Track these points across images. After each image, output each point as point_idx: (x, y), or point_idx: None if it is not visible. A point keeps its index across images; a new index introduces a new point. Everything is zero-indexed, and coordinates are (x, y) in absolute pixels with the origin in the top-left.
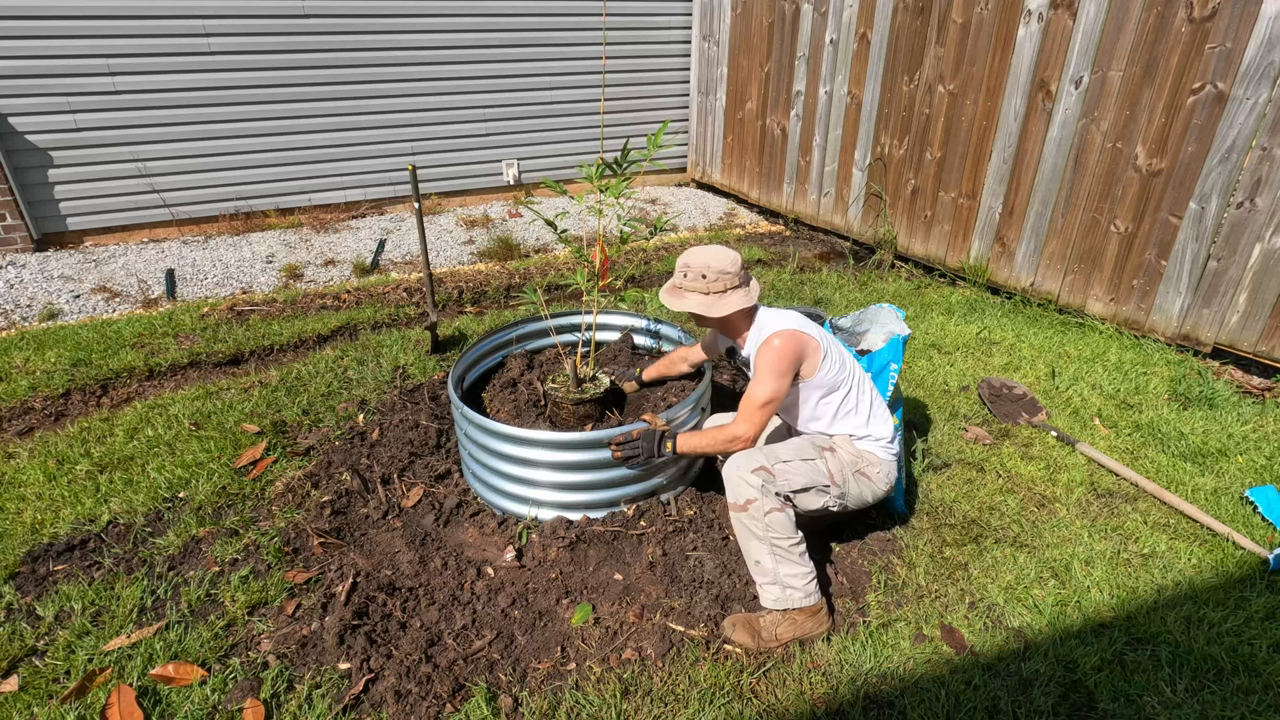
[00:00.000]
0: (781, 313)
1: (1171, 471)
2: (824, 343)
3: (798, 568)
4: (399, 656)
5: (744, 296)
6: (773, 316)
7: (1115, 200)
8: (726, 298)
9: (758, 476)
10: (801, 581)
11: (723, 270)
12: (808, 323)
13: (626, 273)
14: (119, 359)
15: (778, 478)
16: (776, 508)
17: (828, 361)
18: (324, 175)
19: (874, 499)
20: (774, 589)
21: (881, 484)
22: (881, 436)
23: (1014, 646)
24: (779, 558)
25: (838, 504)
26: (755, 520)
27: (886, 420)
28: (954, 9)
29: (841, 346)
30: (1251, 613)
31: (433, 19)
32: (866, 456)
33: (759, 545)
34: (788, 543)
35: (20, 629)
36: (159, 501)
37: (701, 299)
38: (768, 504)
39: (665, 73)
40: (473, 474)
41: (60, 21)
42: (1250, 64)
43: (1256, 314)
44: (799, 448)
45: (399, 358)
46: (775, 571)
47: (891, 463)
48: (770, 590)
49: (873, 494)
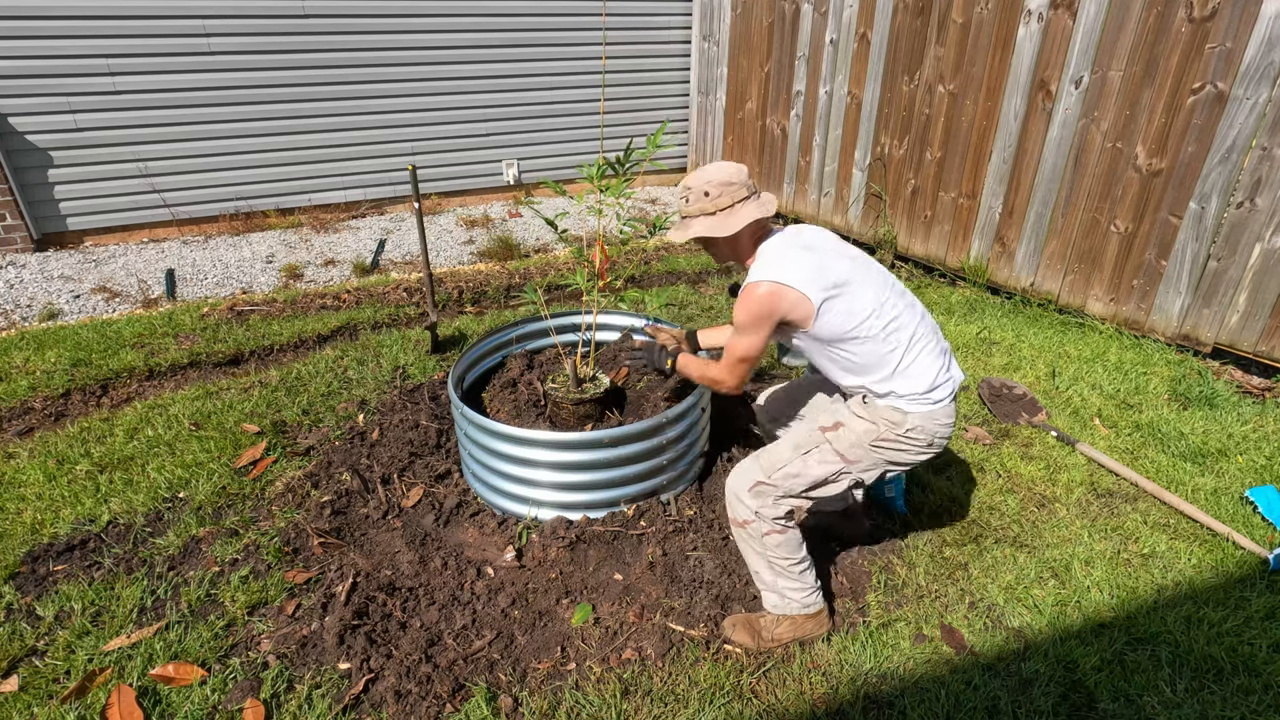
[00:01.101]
0: (787, 251)
1: (1171, 471)
2: (824, 292)
3: (796, 583)
4: (399, 656)
5: (757, 208)
6: (776, 253)
7: (1115, 200)
8: (736, 212)
9: (754, 497)
10: (800, 595)
11: (725, 182)
12: (811, 265)
13: (626, 273)
14: (119, 359)
15: (780, 486)
16: (775, 530)
17: (831, 313)
18: (324, 175)
19: (924, 454)
20: (772, 596)
21: (919, 439)
22: (907, 392)
23: (1014, 646)
24: (777, 573)
25: (869, 476)
26: (753, 539)
27: (923, 371)
28: (954, 9)
29: (880, 285)
30: (1251, 613)
31: (433, 19)
32: (886, 419)
33: (757, 559)
34: (786, 562)
35: (20, 629)
36: (159, 501)
37: (708, 220)
38: (764, 526)
39: (665, 73)
40: (473, 474)
41: (60, 21)
42: (1250, 64)
43: (1256, 314)
44: (797, 440)
45: (399, 358)
46: (774, 583)
47: (928, 412)
48: (769, 597)
49: (915, 453)
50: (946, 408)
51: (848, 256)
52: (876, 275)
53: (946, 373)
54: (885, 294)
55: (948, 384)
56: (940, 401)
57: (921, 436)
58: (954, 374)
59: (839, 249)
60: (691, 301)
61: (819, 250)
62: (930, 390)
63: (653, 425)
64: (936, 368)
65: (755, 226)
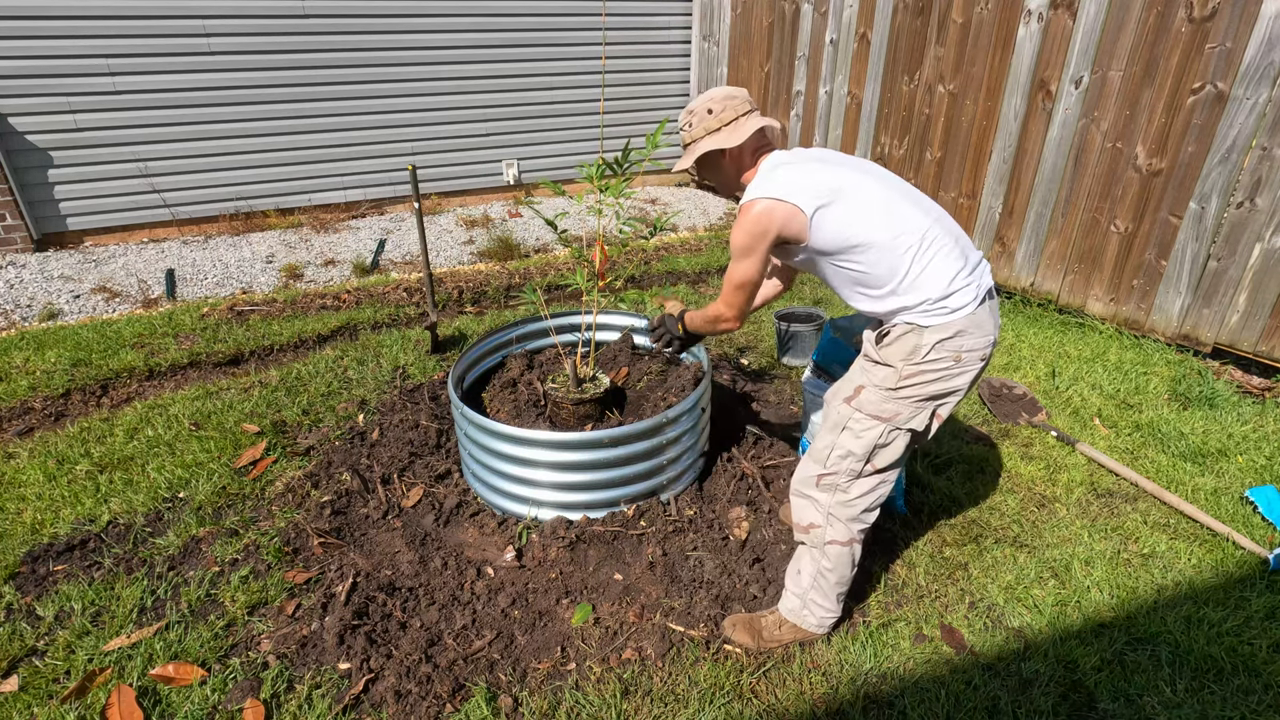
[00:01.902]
0: (783, 162)
1: (1171, 471)
2: (817, 199)
3: (826, 603)
4: (399, 656)
5: (760, 119)
6: (772, 165)
7: (1115, 200)
8: (740, 124)
9: (824, 491)
10: (820, 615)
11: (728, 96)
12: (803, 173)
13: (626, 273)
14: (119, 359)
15: (841, 469)
16: (839, 540)
17: (828, 221)
18: (324, 175)
19: (959, 375)
20: (795, 602)
21: (942, 360)
22: (918, 303)
23: (1014, 646)
24: (817, 585)
25: (918, 423)
26: (815, 546)
27: (937, 275)
28: (954, 9)
29: (886, 187)
30: (1251, 613)
31: (433, 19)
32: (902, 353)
33: (810, 564)
34: (833, 578)
35: (20, 629)
36: (159, 501)
37: (713, 137)
38: (830, 533)
39: (665, 73)
40: (473, 474)
41: (60, 21)
42: (1250, 64)
43: (1256, 314)
44: (832, 422)
45: (399, 358)
46: (806, 592)
47: (945, 324)
48: (791, 600)
49: (949, 379)
50: (970, 315)
51: (850, 165)
52: (881, 178)
53: (967, 276)
54: (890, 195)
55: (969, 289)
56: (959, 310)
57: (944, 356)
58: (979, 278)
59: (842, 158)
60: (691, 302)
61: (819, 159)
62: (945, 297)
63: (653, 425)
64: (953, 271)
65: (758, 138)
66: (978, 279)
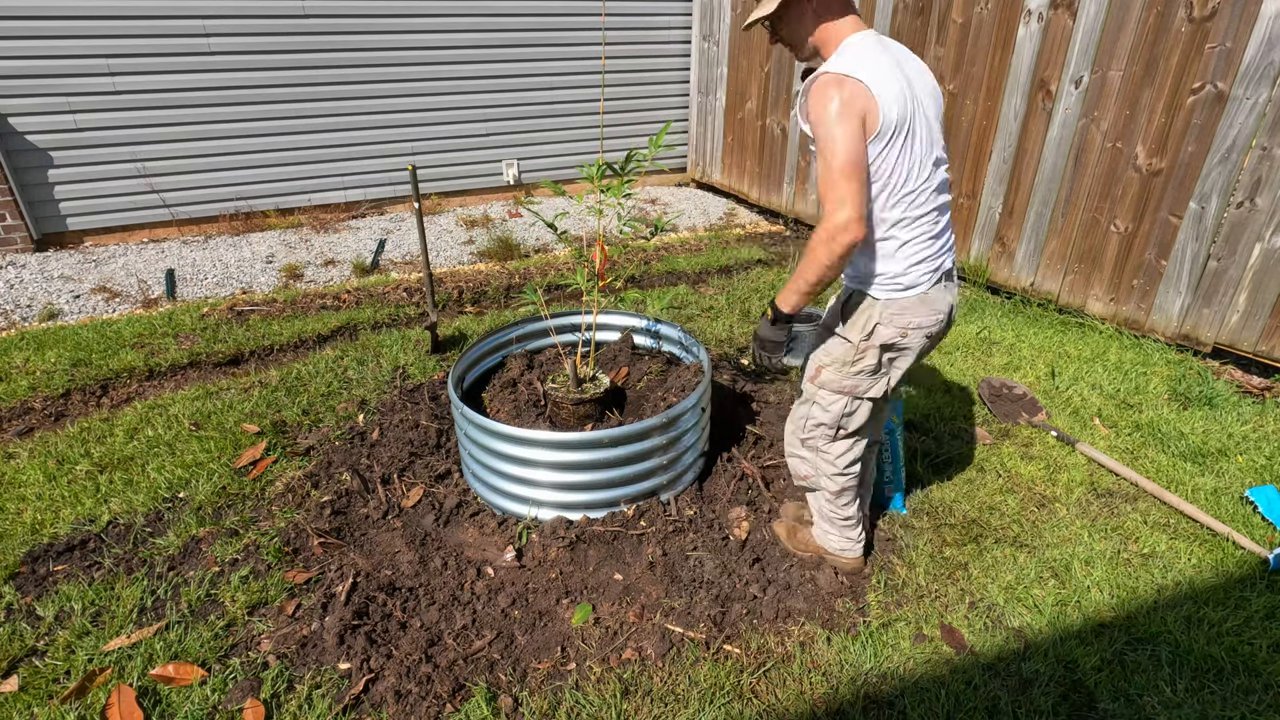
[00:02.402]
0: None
1: (1171, 471)
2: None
3: (837, 533)
4: (399, 656)
5: None
6: (863, 48)
7: (1115, 200)
8: None
9: (809, 450)
10: (836, 543)
11: None
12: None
13: (626, 273)
14: (119, 359)
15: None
16: (829, 489)
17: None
18: (324, 175)
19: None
20: (818, 530)
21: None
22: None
23: (1014, 646)
24: (826, 517)
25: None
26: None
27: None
28: (954, 9)
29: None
30: (1251, 613)
31: (433, 19)
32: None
33: (814, 501)
34: (833, 513)
35: (20, 629)
36: (159, 501)
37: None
38: (821, 481)
39: (665, 73)
40: (473, 474)
41: (60, 21)
42: (1250, 64)
43: (1256, 314)
44: (803, 397)
45: (399, 358)
46: (820, 523)
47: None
48: (818, 526)
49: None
50: (922, 295)
51: (921, 102)
52: (929, 137)
53: (933, 260)
54: (928, 155)
55: (926, 272)
56: (912, 289)
57: (892, 330)
58: (939, 261)
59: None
60: (691, 302)
61: (904, 75)
62: (902, 274)
63: (653, 425)
64: (920, 255)
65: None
66: (939, 262)
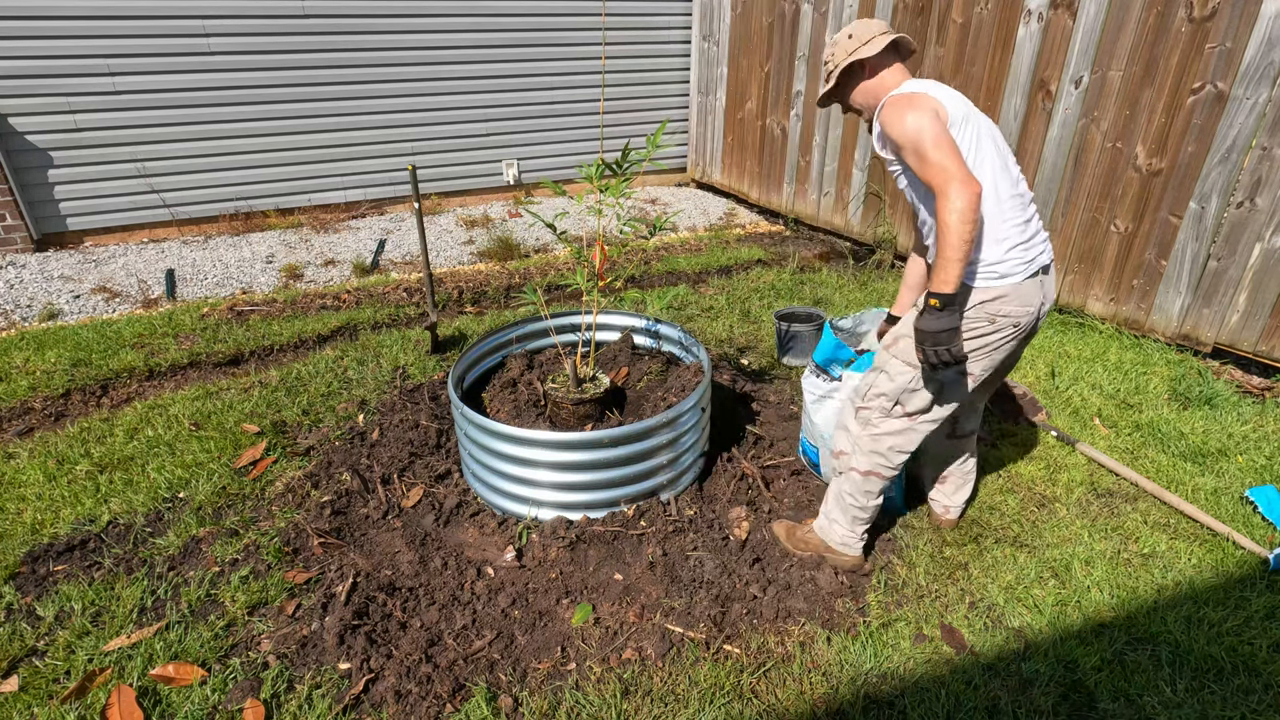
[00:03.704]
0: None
1: (1171, 471)
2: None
3: (844, 522)
4: (399, 656)
5: (896, 37)
6: (914, 83)
7: (1115, 200)
8: (878, 40)
9: (860, 425)
10: (839, 535)
11: (864, 23)
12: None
13: (626, 273)
14: (119, 359)
15: (874, 406)
16: (859, 469)
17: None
18: (324, 175)
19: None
20: (823, 520)
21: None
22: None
23: (1014, 646)
24: (840, 504)
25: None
26: (842, 469)
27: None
28: (954, 9)
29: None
30: (1251, 613)
31: (433, 19)
32: None
33: (835, 486)
34: (849, 500)
35: (20, 629)
36: (159, 501)
37: (854, 53)
38: (853, 460)
39: (665, 73)
40: (473, 474)
41: (60, 21)
42: (1250, 64)
43: (1256, 314)
44: (875, 365)
45: (399, 358)
46: (831, 510)
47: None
48: (822, 518)
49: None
50: (1016, 285)
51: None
52: (992, 137)
53: (1025, 249)
54: (995, 149)
55: (1021, 261)
56: (1007, 278)
57: (980, 317)
58: (1034, 252)
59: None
60: (691, 302)
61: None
62: (998, 262)
63: (653, 425)
64: (1014, 240)
65: (893, 50)
66: (1033, 253)
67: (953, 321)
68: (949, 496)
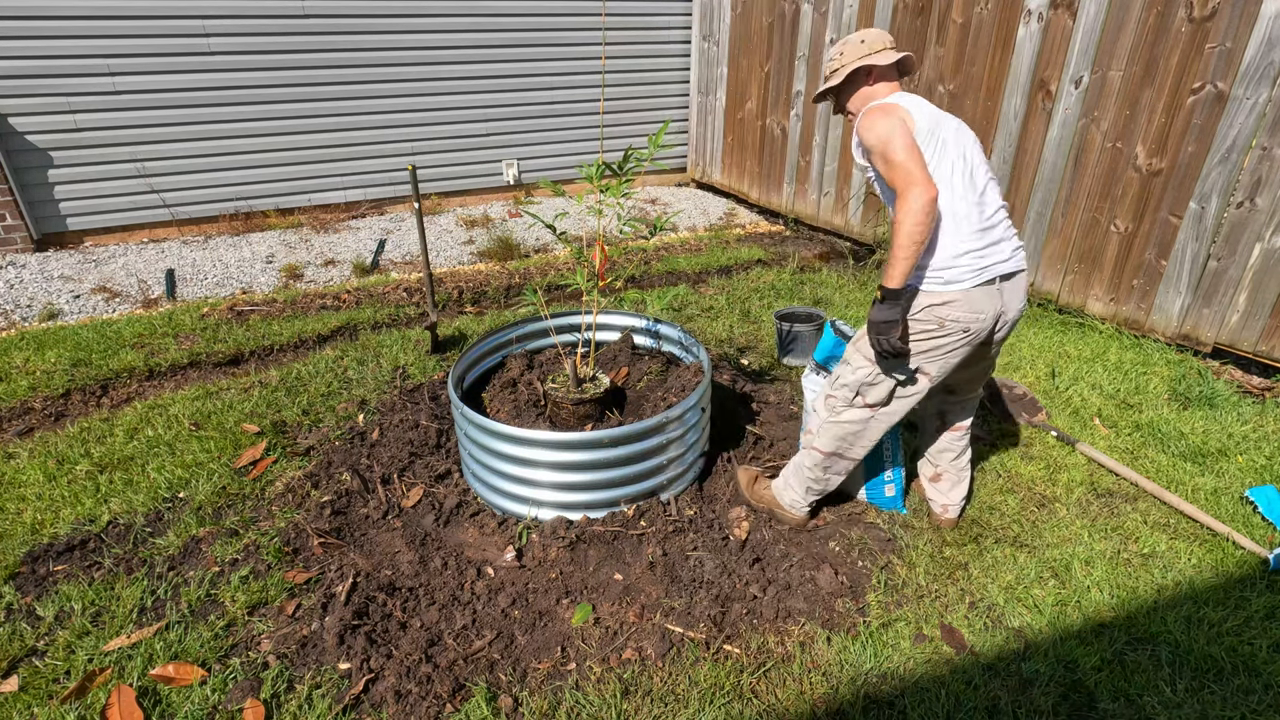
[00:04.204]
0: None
1: (1171, 471)
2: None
3: (796, 490)
4: (399, 656)
5: (898, 55)
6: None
7: (1115, 200)
8: (886, 54)
9: (827, 410)
10: (789, 498)
11: (878, 34)
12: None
13: (626, 273)
14: (119, 359)
15: (839, 396)
16: (820, 449)
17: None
18: (324, 175)
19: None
20: (780, 481)
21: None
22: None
23: (1014, 646)
24: (798, 473)
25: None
26: (806, 445)
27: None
28: (954, 9)
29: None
30: (1251, 613)
31: (433, 19)
32: None
33: (796, 458)
34: (806, 474)
35: (20, 629)
36: (159, 501)
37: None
38: (816, 440)
39: (665, 73)
40: (473, 474)
41: (60, 21)
42: (1250, 64)
43: (1256, 314)
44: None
45: (399, 358)
46: (788, 476)
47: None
48: (780, 480)
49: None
50: (964, 291)
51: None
52: (959, 150)
53: (977, 256)
54: (961, 165)
55: (970, 269)
56: (953, 284)
57: (929, 319)
58: (989, 260)
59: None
60: (691, 302)
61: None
62: (946, 269)
63: (653, 425)
64: (963, 249)
65: (898, 68)
66: (988, 261)
67: (894, 314)
68: (945, 494)
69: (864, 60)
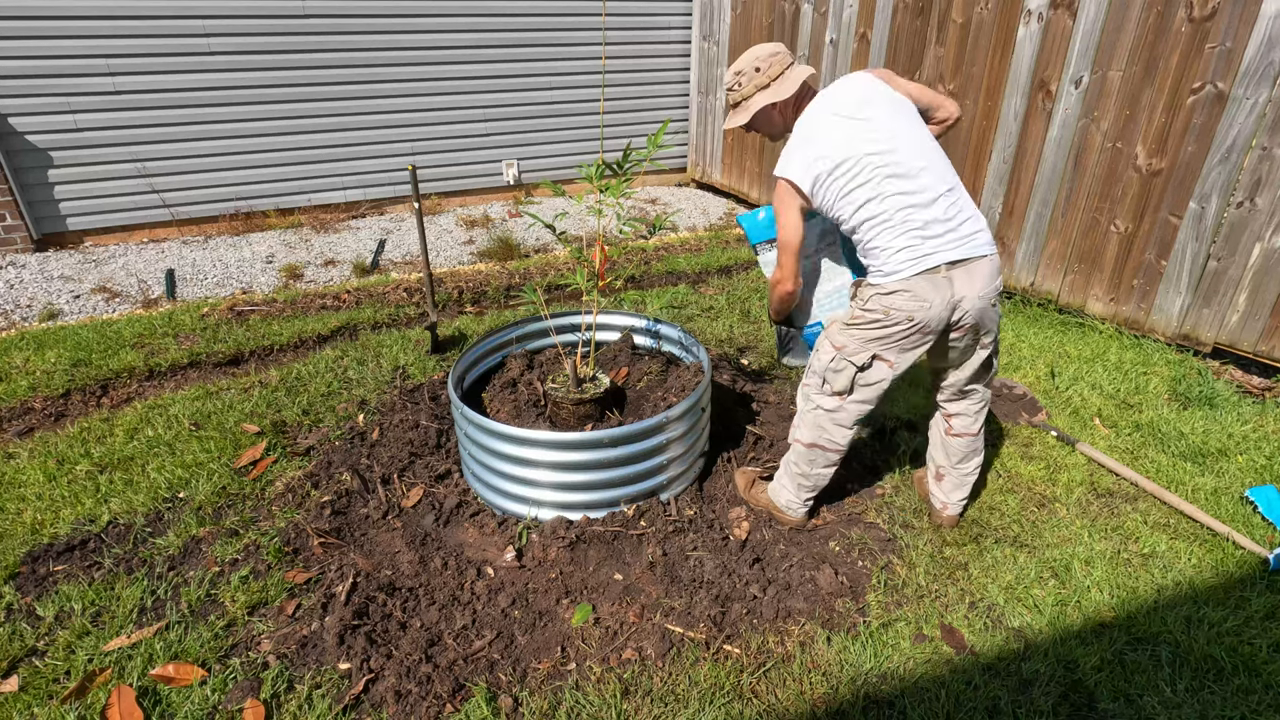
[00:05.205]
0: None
1: (1171, 471)
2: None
3: (790, 489)
4: (399, 656)
5: (803, 69)
6: (798, 130)
7: (1115, 200)
8: (788, 76)
9: (803, 399)
10: (784, 498)
11: (772, 53)
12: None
13: (626, 273)
14: (119, 359)
15: (811, 385)
16: (802, 440)
17: (823, 192)
18: (324, 175)
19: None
20: (774, 483)
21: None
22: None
23: (1014, 646)
24: (788, 471)
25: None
26: (791, 441)
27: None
28: (954, 9)
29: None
30: (1251, 613)
31: (433, 19)
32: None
33: (786, 456)
34: (795, 469)
35: (20, 629)
36: (159, 501)
37: (766, 92)
38: (798, 432)
39: (665, 73)
40: (473, 474)
41: (60, 21)
42: (1250, 64)
43: (1256, 314)
44: None
45: (399, 358)
46: (782, 475)
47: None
48: (774, 481)
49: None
50: (905, 280)
51: (859, 119)
52: (887, 144)
53: (916, 248)
54: (885, 164)
55: (910, 260)
56: (893, 274)
57: (876, 308)
58: (934, 251)
59: (865, 107)
60: (691, 301)
61: (836, 113)
62: (884, 262)
63: (653, 425)
64: (901, 244)
65: (804, 88)
66: (926, 249)
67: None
68: (946, 494)
69: (767, 97)
